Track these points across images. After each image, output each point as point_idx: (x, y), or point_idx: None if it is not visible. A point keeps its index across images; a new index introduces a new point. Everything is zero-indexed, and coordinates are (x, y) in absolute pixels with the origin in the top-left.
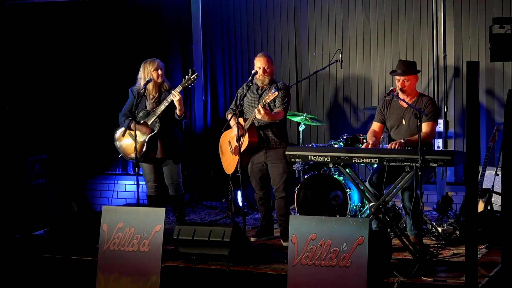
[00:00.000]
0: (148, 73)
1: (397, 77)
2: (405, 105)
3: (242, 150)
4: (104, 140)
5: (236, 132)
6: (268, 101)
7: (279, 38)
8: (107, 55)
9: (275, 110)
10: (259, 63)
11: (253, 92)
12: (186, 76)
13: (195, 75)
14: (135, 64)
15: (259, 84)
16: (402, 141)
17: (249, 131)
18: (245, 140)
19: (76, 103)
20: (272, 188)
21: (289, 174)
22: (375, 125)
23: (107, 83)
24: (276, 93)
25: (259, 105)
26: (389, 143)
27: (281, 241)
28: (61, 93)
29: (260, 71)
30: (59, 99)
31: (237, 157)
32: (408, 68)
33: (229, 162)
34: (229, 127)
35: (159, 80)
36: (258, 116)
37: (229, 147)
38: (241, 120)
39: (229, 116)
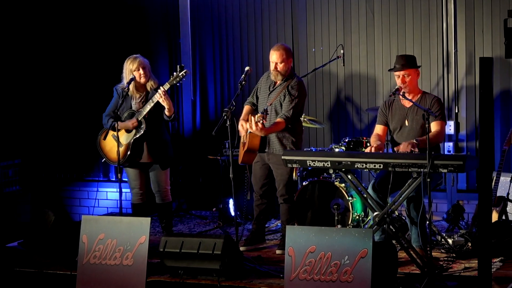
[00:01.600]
0: (129, 72)
1: (396, 73)
2: (407, 105)
3: (245, 149)
4: (84, 143)
5: (245, 127)
6: (257, 120)
7: (274, 32)
8: (88, 51)
9: (276, 119)
10: (272, 57)
11: (266, 87)
12: (174, 73)
13: (184, 72)
14: (119, 60)
15: (273, 79)
16: (414, 141)
17: (251, 134)
18: (247, 142)
19: (54, 102)
20: (273, 192)
21: (291, 179)
22: (378, 128)
23: (89, 81)
24: (262, 116)
25: (253, 120)
26: (392, 147)
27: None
28: (37, 92)
29: (272, 66)
30: (35, 98)
31: (243, 150)
32: (407, 62)
33: (240, 152)
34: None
35: (142, 80)
36: (251, 131)
37: (243, 138)
38: (251, 118)
39: (245, 108)
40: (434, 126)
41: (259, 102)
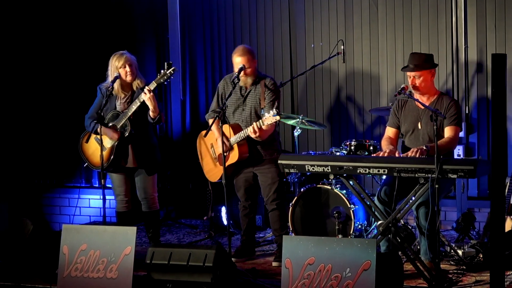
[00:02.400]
0: (115, 70)
1: (408, 73)
2: (421, 106)
3: (230, 163)
4: (65, 146)
5: (219, 138)
6: (267, 123)
7: (270, 27)
8: (69, 47)
9: (270, 120)
10: (237, 62)
11: (237, 93)
12: (162, 71)
13: (172, 70)
14: (103, 57)
15: (242, 84)
16: (424, 147)
17: (239, 144)
18: (234, 154)
19: (31, 102)
20: (261, 200)
21: (281, 183)
22: (389, 131)
23: (70, 79)
24: (277, 118)
25: (254, 125)
26: (403, 152)
27: (272, 262)
28: (12, 91)
29: (236, 68)
30: (10, 98)
31: (221, 166)
32: (422, 62)
33: (211, 169)
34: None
35: (128, 79)
36: (252, 136)
37: (212, 152)
38: (226, 128)
39: (211, 121)
40: (447, 132)
41: (232, 110)
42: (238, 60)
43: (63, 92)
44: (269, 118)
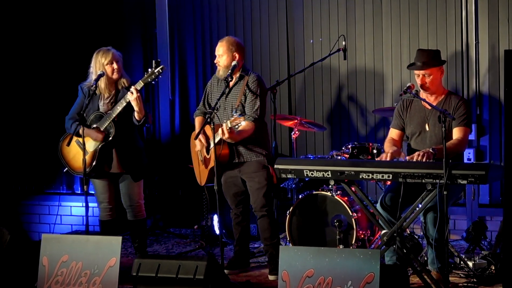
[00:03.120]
0: (100, 67)
1: (416, 72)
2: (429, 106)
3: (211, 166)
4: (44, 150)
5: (203, 142)
6: (233, 125)
7: (266, 21)
8: (48, 43)
9: (240, 126)
10: (216, 50)
11: (219, 91)
12: (149, 69)
13: (160, 68)
14: (85, 54)
15: (217, 76)
16: (431, 150)
17: (218, 147)
18: (217, 155)
19: (8, 103)
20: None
21: (270, 188)
22: (393, 133)
23: (49, 78)
24: (241, 118)
25: (224, 126)
26: (409, 155)
27: (268, 274)
28: None
29: (216, 60)
30: None
31: (207, 169)
32: (430, 59)
33: (199, 172)
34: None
35: (115, 76)
36: (223, 138)
37: (199, 155)
38: (208, 129)
39: (197, 119)
40: (456, 133)
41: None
42: (217, 48)
43: (41, 92)
44: (235, 119)
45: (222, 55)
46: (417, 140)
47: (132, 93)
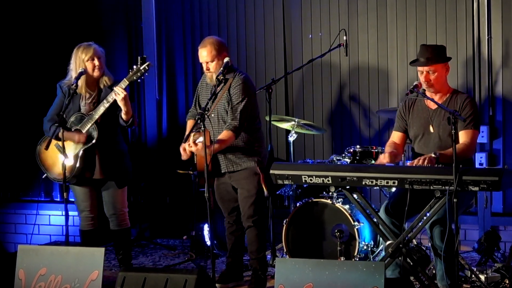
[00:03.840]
0: (80, 64)
1: (419, 68)
2: (433, 106)
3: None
4: (21, 154)
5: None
6: (194, 139)
7: (261, 14)
8: (24, 39)
9: (220, 135)
10: (201, 56)
11: (207, 94)
12: (134, 67)
13: (147, 65)
14: (65, 50)
15: (209, 82)
16: (433, 155)
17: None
18: (197, 163)
19: None
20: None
21: (260, 196)
22: (395, 135)
23: (26, 75)
24: (198, 135)
25: (191, 140)
26: (413, 159)
27: None
28: None
29: (204, 67)
30: None
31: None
32: (435, 54)
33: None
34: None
35: (96, 74)
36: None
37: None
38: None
39: (189, 123)
40: (462, 136)
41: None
42: (201, 53)
43: (17, 91)
44: (194, 134)
45: (212, 60)
46: (420, 143)
47: (118, 93)
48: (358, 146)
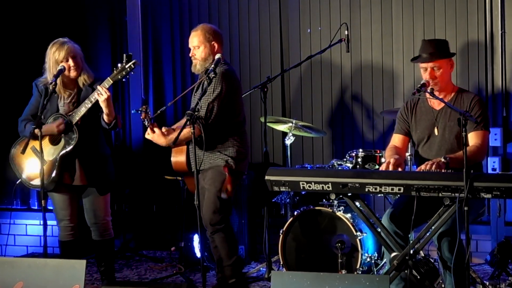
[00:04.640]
0: (55, 64)
1: (423, 65)
2: (437, 106)
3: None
4: None
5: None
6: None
7: (255, 8)
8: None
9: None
10: (189, 41)
11: (196, 86)
12: (119, 65)
13: (133, 63)
14: (42, 45)
15: (193, 70)
16: (443, 160)
17: (176, 149)
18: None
19: None
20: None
21: (224, 202)
22: (396, 138)
23: (0, 73)
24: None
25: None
26: (417, 164)
27: None
28: None
29: (190, 53)
30: None
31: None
32: (438, 50)
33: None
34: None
35: (73, 74)
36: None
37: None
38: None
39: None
40: (472, 138)
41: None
42: (190, 39)
43: None
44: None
45: (198, 46)
46: (425, 147)
47: (101, 93)
48: (360, 150)
